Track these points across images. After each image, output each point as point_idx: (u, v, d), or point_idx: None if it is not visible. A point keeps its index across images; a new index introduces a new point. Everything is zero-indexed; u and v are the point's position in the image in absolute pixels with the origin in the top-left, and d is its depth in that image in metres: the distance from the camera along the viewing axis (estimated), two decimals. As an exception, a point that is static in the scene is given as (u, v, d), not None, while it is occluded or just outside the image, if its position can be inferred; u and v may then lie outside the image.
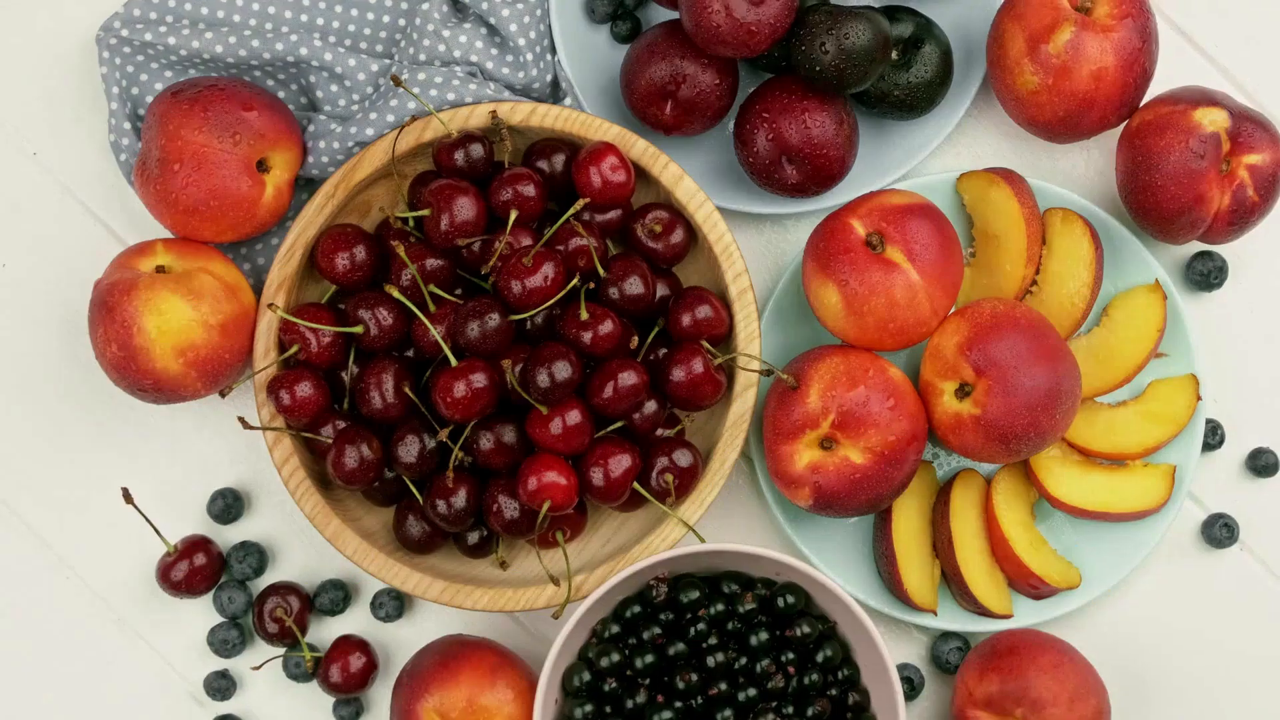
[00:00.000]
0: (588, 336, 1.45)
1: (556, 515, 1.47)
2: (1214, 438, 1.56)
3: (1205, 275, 1.56)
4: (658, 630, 1.47)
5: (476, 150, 1.48)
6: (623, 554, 1.49)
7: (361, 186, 1.51)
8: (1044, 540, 1.53)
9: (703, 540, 1.48)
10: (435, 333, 1.45)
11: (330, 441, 1.48)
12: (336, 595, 1.55)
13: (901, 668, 1.54)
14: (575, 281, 1.45)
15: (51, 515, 1.57)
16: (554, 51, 1.55)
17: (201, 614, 1.56)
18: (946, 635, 1.54)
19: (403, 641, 1.57)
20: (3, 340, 1.57)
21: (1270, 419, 1.57)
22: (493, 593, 1.48)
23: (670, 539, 1.48)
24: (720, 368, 1.48)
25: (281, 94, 1.56)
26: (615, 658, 1.46)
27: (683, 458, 1.47)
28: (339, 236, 1.49)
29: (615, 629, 1.47)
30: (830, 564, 1.53)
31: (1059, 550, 1.54)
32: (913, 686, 1.54)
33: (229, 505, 1.56)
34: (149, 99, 1.54)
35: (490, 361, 1.45)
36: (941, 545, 1.52)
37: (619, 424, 1.48)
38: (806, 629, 1.47)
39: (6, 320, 1.57)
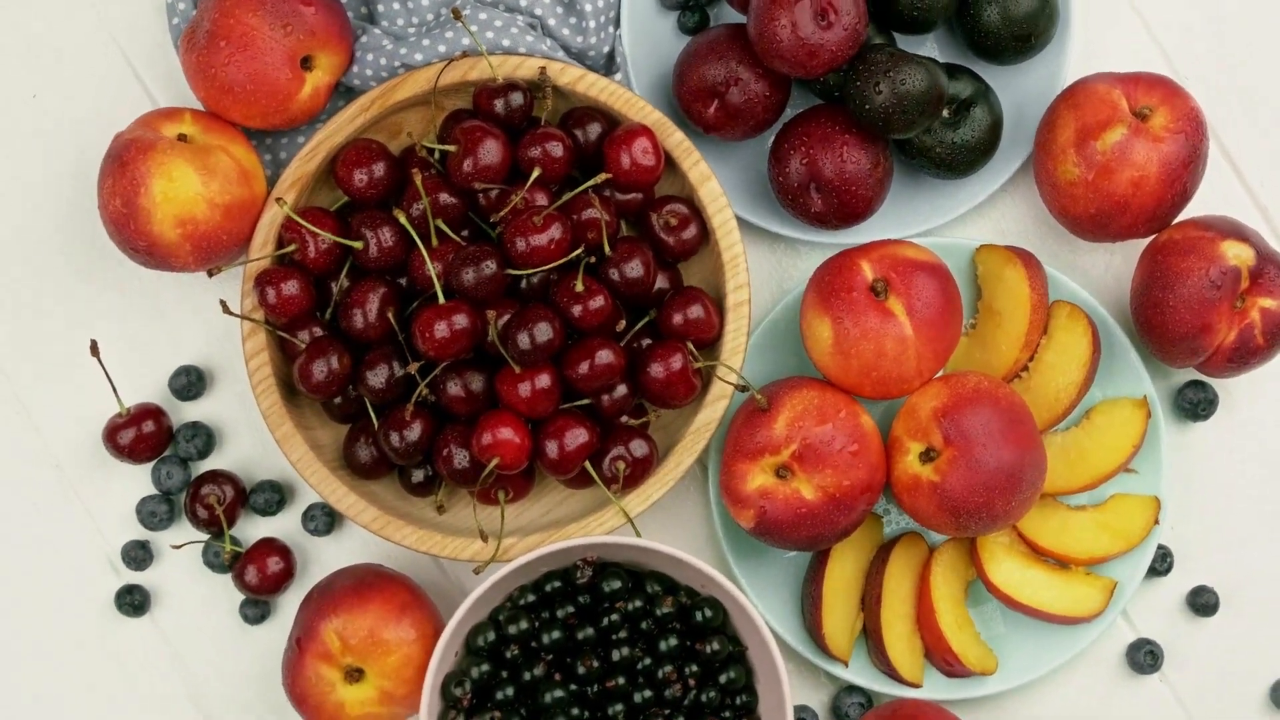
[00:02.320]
0: (578, 309, 1.45)
1: (503, 474, 1.47)
2: (1162, 564, 1.56)
3: (1194, 405, 1.56)
4: (572, 610, 1.47)
5: (516, 99, 1.48)
6: (558, 528, 1.49)
7: (397, 108, 1.51)
8: (970, 621, 1.53)
9: (639, 534, 1.49)
10: (431, 268, 1.45)
11: (303, 347, 1.48)
12: (271, 497, 1.55)
13: (800, 708, 1.54)
14: (579, 252, 1.45)
15: (16, 351, 1.57)
16: (618, 25, 1.55)
17: (137, 483, 1.57)
18: (852, 689, 1.54)
19: (324, 558, 1.57)
20: (13, 167, 1.58)
21: (1221, 560, 1.57)
22: (422, 533, 1.49)
23: (608, 525, 1.48)
24: (698, 372, 1.48)
25: (344, -1, 1.57)
26: (524, 626, 1.46)
27: (639, 449, 1.47)
28: (363, 150, 1.49)
29: (531, 598, 1.47)
30: (758, 590, 1.53)
31: (984, 635, 1.54)
32: (807, 730, 1.54)
33: (191, 383, 1.56)
34: (215, -30, 1.54)
35: (477, 308, 1.45)
36: (869, 600, 1.52)
37: (586, 401, 1.48)
38: (717, 646, 1.46)
39: (22, 150, 1.58)
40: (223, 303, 1.45)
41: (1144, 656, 1.55)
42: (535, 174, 1.46)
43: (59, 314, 1.57)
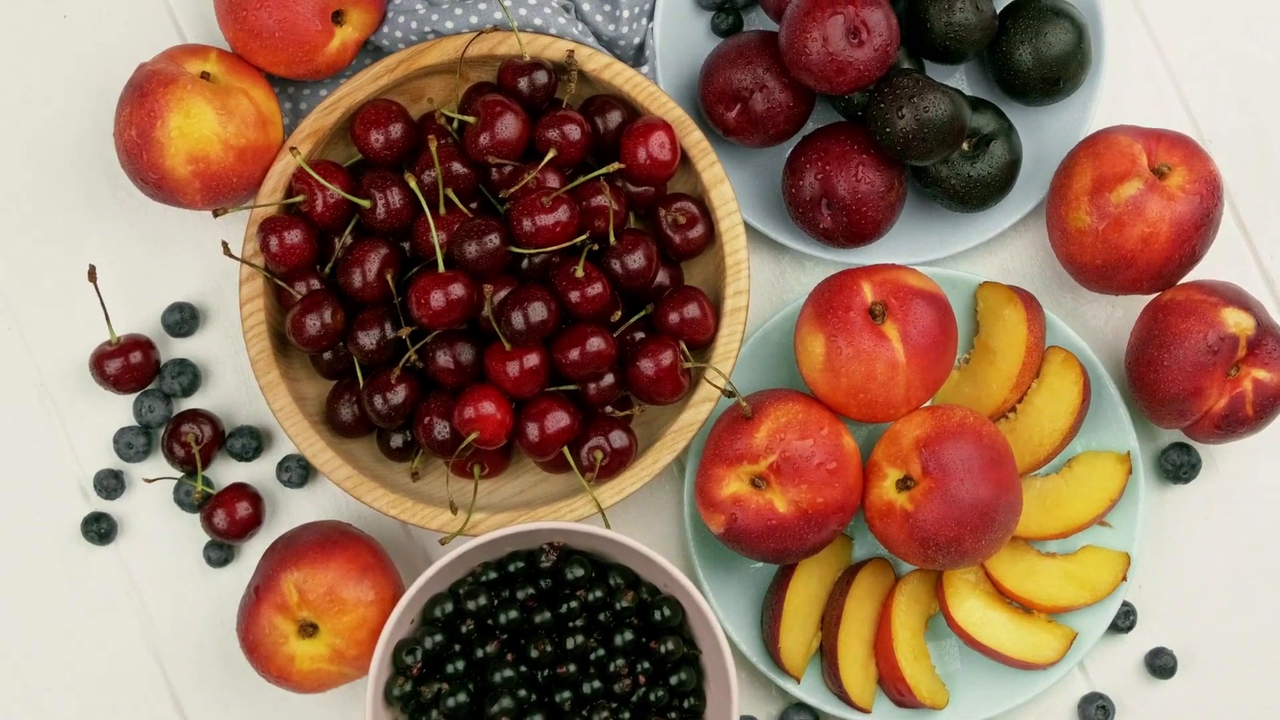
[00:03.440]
0: (575, 294, 1.45)
1: (480, 448, 1.47)
2: (1124, 621, 1.55)
3: (1177, 467, 1.56)
4: (532, 592, 1.47)
5: (541, 79, 1.48)
6: (529, 509, 1.49)
7: (422, 73, 1.51)
8: (927, 653, 1.53)
9: (608, 526, 1.49)
10: (435, 235, 1.45)
11: (299, 298, 1.48)
12: (249, 442, 1.55)
13: (746, 719, 1.54)
14: (584, 238, 1.45)
15: (16, 269, 1.57)
16: (651, 18, 1.55)
17: (119, 413, 1.57)
18: (801, 706, 1.54)
19: (294, 509, 1.57)
20: (36, 85, 1.58)
21: (1184, 624, 1.57)
22: (394, 497, 1.49)
23: (579, 513, 1.48)
24: (687, 372, 1.48)
25: (384, -42, 1.57)
26: (482, 602, 1.46)
27: (618, 440, 1.47)
28: (383, 110, 1.49)
29: (493, 575, 1.47)
30: (720, 596, 1.53)
31: (939, 670, 1.54)
32: (751, 741, 1.54)
33: (183, 320, 1.56)
34: (259, -86, 1.54)
35: (475, 281, 1.45)
36: (829, 620, 1.52)
37: (573, 387, 1.48)
38: (671, 647, 1.46)
39: (46, 69, 1.58)
40: (224, 244, 1.45)
41: (1095, 711, 1.55)
42: (550, 155, 1.46)
43: (63, 237, 1.57)
